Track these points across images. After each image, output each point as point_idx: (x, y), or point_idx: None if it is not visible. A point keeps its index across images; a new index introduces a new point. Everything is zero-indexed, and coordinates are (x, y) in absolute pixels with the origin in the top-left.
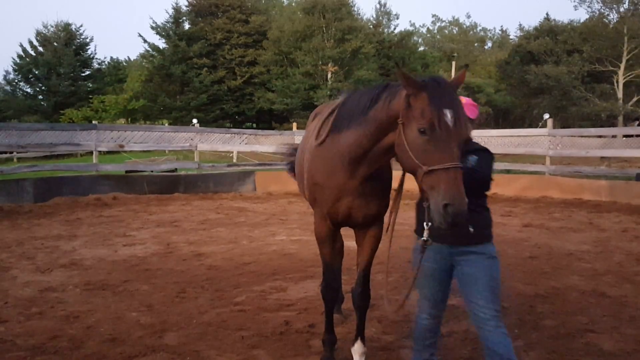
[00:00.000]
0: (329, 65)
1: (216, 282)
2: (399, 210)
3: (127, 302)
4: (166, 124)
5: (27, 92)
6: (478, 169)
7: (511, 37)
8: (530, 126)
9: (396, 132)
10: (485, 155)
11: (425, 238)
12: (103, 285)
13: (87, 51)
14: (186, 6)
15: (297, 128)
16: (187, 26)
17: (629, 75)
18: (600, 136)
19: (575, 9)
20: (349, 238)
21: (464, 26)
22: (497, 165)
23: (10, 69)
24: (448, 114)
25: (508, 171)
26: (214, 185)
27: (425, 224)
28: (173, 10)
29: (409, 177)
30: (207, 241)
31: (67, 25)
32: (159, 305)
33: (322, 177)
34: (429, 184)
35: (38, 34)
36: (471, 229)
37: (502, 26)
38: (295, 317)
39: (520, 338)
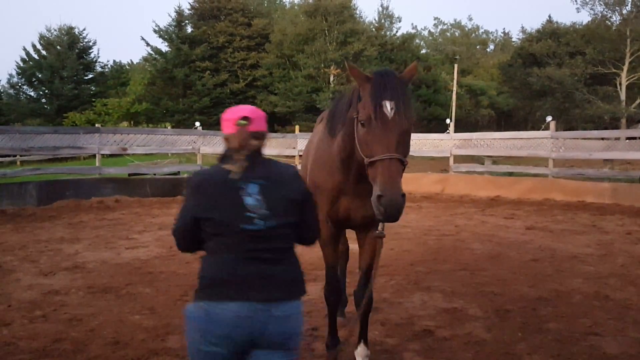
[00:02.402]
0: (332, 68)
1: None
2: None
3: (130, 305)
4: (169, 127)
5: (30, 95)
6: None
7: (513, 39)
8: (532, 128)
9: None
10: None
11: (378, 231)
12: (106, 288)
13: (90, 55)
14: (189, 9)
15: (300, 131)
16: (189, 29)
17: (631, 78)
18: (603, 138)
19: (578, 11)
20: (353, 241)
21: (466, 29)
22: (500, 168)
23: (14, 73)
24: (387, 105)
25: (511, 174)
26: None
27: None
28: (176, 13)
29: (412, 179)
30: None
31: (70, 28)
32: (162, 308)
33: (321, 179)
34: (371, 175)
35: (41, 37)
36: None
37: (504, 28)
38: None
39: (523, 341)
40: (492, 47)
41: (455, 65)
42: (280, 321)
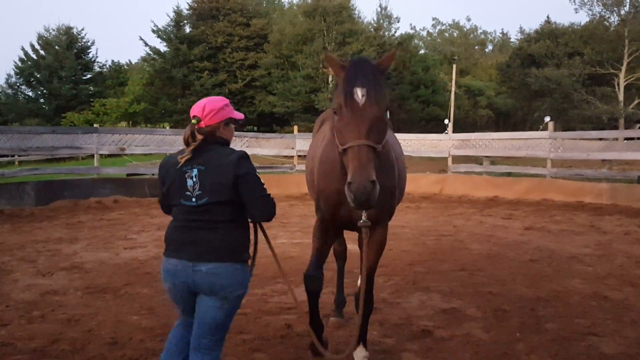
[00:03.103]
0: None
1: None
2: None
3: (128, 306)
4: (167, 127)
5: (28, 95)
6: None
7: (512, 39)
8: (531, 129)
9: None
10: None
11: (362, 220)
12: (104, 288)
13: (88, 54)
14: (187, 9)
15: (298, 131)
16: (188, 29)
17: (630, 78)
18: (601, 139)
19: (576, 12)
20: (351, 242)
21: (465, 29)
22: (498, 168)
23: (12, 73)
24: (358, 93)
25: (509, 174)
26: None
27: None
28: (174, 13)
29: (410, 179)
30: None
31: (69, 28)
32: (160, 309)
33: (324, 183)
34: (345, 163)
35: (40, 37)
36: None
37: (502, 29)
38: (297, 321)
39: (521, 341)
40: (490, 47)
41: (454, 66)
42: (207, 276)
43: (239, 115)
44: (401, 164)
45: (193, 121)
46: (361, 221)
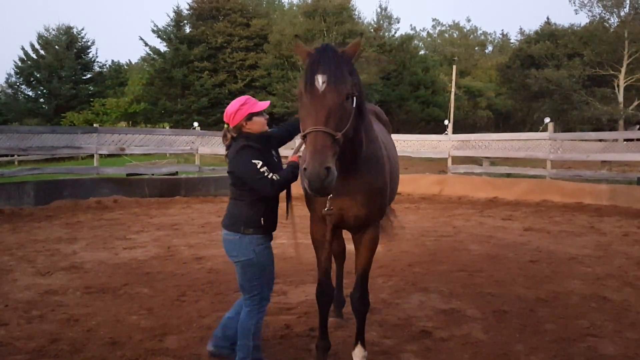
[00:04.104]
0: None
1: (216, 286)
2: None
3: (128, 306)
4: (167, 127)
5: (28, 95)
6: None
7: (512, 41)
8: (531, 130)
9: None
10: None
11: (326, 209)
12: (103, 288)
13: (88, 54)
14: (187, 9)
15: None
16: (188, 29)
17: (629, 79)
18: (601, 140)
19: (576, 13)
20: (350, 242)
21: (465, 30)
22: (498, 169)
23: (12, 72)
24: (319, 79)
25: (509, 175)
26: (214, 188)
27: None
28: (174, 13)
29: (410, 180)
30: (207, 244)
31: (69, 28)
32: (160, 309)
33: None
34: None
35: (40, 37)
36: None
37: (502, 30)
38: (296, 321)
39: (521, 342)
40: (490, 48)
41: (454, 67)
42: (224, 240)
43: (261, 107)
44: (394, 162)
45: (225, 125)
46: (324, 210)
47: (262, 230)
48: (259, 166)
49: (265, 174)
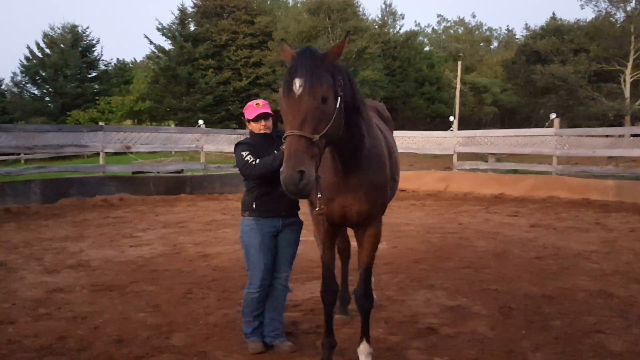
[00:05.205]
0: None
1: (222, 283)
2: None
3: (134, 303)
4: (172, 125)
5: (34, 93)
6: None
7: (517, 36)
8: (536, 126)
9: None
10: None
11: (318, 209)
12: (110, 286)
13: (93, 53)
14: (192, 7)
15: None
16: (192, 27)
17: (636, 74)
18: (607, 136)
19: (582, 8)
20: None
21: (470, 26)
22: (504, 166)
23: (18, 71)
24: (296, 83)
25: (515, 171)
26: (220, 186)
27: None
28: (179, 11)
29: (415, 177)
30: (213, 242)
31: (74, 27)
32: (166, 306)
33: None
34: None
35: (45, 35)
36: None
37: (508, 26)
38: (302, 318)
39: (527, 339)
40: (495, 44)
41: (459, 63)
42: None
43: (249, 115)
44: (395, 159)
45: None
46: (316, 210)
47: (254, 214)
48: (244, 155)
49: (248, 160)
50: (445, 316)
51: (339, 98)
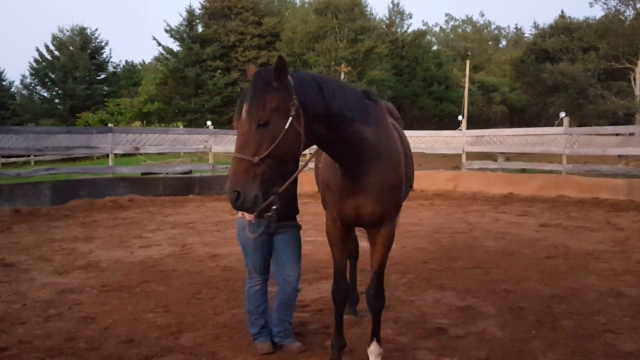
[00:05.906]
0: (342, 65)
1: (231, 283)
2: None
3: (144, 304)
4: (181, 127)
5: (43, 96)
6: None
7: (526, 35)
8: (546, 125)
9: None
10: None
11: (269, 214)
12: (120, 286)
13: (102, 55)
14: (200, 9)
15: None
16: (200, 29)
17: None
18: (617, 134)
19: (591, 6)
20: (363, 239)
21: (478, 24)
22: (513, 165)
23: (27, 74)
24: (244, 107)
25: (524, 170)
26: None
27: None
28: (187, 13)
29: (424, 177)
30: (222, 242)
31: (83, 29)
32: (175, 307)
33: (328, 178)
34: None
35: (54, 38)
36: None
37: (516, 24)
38: (310, 318)
39: (537, 338)
40: (504, 43)
41: (467, 62)
42: None
43: None
44: (409, 159)
45: None
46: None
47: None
48: None
49: None
50: (455, 316)
51: (290, 118)
